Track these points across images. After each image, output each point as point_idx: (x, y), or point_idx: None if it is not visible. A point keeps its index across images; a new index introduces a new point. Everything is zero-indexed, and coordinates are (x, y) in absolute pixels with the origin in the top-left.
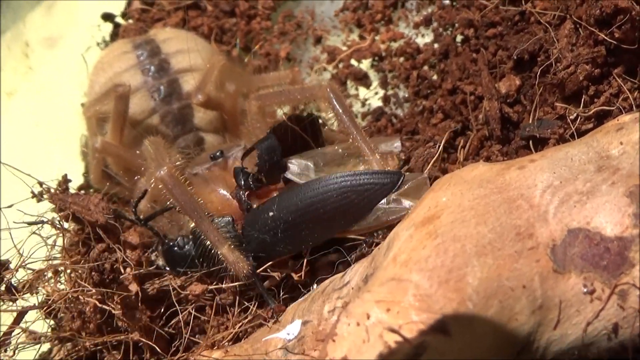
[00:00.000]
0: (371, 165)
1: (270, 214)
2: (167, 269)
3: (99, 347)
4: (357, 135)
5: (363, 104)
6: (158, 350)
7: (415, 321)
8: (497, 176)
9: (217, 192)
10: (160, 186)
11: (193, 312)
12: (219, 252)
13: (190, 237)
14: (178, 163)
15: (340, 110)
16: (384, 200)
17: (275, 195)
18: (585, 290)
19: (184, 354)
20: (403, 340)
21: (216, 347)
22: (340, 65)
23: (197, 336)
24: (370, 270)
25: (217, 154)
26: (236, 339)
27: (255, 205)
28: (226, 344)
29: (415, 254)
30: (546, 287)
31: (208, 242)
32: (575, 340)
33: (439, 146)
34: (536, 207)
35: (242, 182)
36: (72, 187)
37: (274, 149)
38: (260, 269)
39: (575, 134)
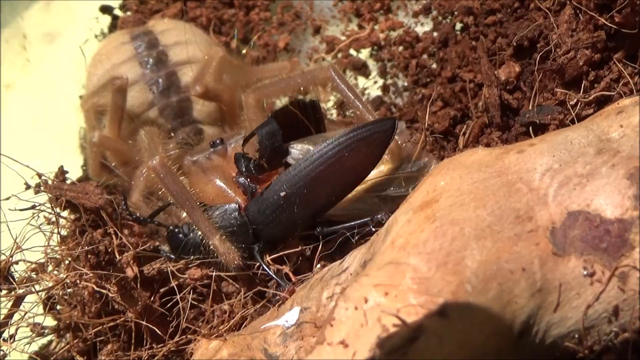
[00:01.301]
0: None
1: (282, 194)
2: (171, 255)
3: (99, 338)
4: (364, 110)
5: (362, 94)
6: (159, 332)
7: (413, 304)
8: (496, 160)
9: (214, 183)
10: (152, 176)
11: (190, 298)
12: (210, 243)
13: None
14: (172, 152)
15: (346, 89)
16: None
17: (276, 177)
18: (585, 272)
19: (182, 336)
20: (401, 324)
21: (215, 335)
22: (339, 55)
23: (196, 324)
24: (368, 256)
25: (217, 141)
26: (237, 327)
27: (257, 191)
28: (225, 332)
29: (413, 238)
30: (546, 270)
31: (199, 233)
32: (575, 324)
33: (424, 129)
34: (535, 190)
35: (243, 168)
36: (71, 180)
37: (275, 134)
38: (274, 255)
39: (575, 119)
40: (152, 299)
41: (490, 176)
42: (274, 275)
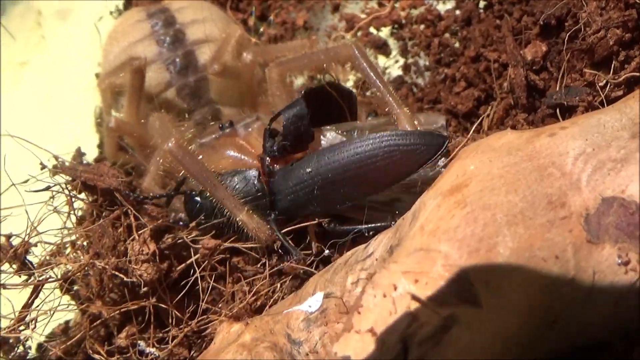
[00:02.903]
0: (399, 121)
1: (308, 170)
2: (185, 223)
3: (118, 320)
4: (385, 91)
5: (383, 73)
6: (178, 314)
7: (445, 292)
8: (527, 144)
9: (227, 156)
10: (170, 159)
11: (207, 276)
12: (237, 219)
13: None
14: (187, 134)
15: (367, 68)
16: None
17: (310, 154)
18: (619, 261)
19: (204, 316)
20: (432, 312)
21: (235, 317)
22: (359, 34)
23: (215, 304)
24: (395, 241)
25: (226, 124)
26: (260, 308)
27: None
28: (246, 314)
29: (443, 223)
30: (579, 258)
31: (226, 210)
32: (608, 312)
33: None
34: (568, 175)
35: (267, 147)
36: (87, 160)
37: (302, 117)
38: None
39: (604, 101)
40: (170, 275)
41: (521, 160)
42: (285, 243)
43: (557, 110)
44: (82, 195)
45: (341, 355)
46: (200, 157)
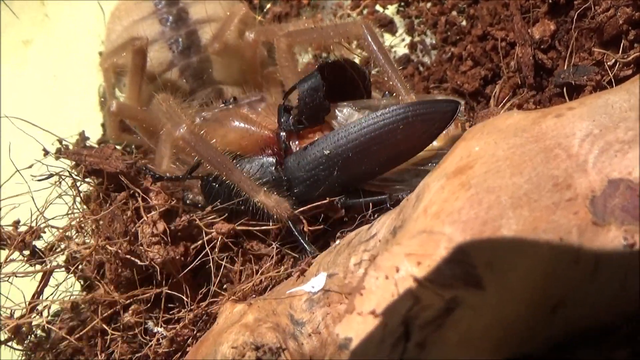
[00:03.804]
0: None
1: (326, 152)
2: (202, 206)
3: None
4: (392, 74)
5: (389, 51)
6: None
7: (447, 275)
8: (533, 125)
9: (234, 127)
10: (182, 144)
11: (217, 258)
12: (256, 201)
13: None
14: (195, 117)
15: (376, 48)
16: None
17: (323, 135)
18: (625, 243)
19: (214, 298)
20: (435, 295)
21: (240, 298)
22: (365, 12)
23: (225, 285)
24: (398, 223)
25: (230, 99)
26: (264, 289)
27: (295, 146)
28: (253, 294)
29: (447, 206)
30: (584, 240)
31: (243, 193)
32: (613, 295)
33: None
34: (574, 156)
35: (283, 122)
36: (92, 140)
37: (317, 89)
38: (305, 209)
39: (613, 81)
40: (182, 258)
41: (527, 141)
42: (301, 239)
43: (565, 90)
44: (89, 179)
45: (343, 336)
46: (207, 132)
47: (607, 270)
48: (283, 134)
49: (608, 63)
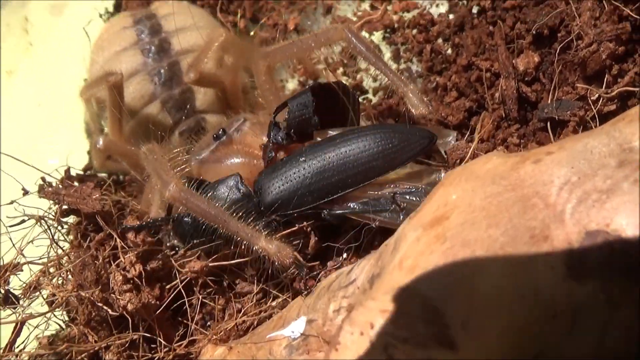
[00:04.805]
0: (407, 98)
1: (302, 158)
2: (179, 248)
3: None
4: (386, 70)
5: (375, 79)
6: (162, 340)
7: (421, 334)
8: (512, 171)
9: (233, 164)
10: (172, 202)
11: (200, 297)
12: (256, 248)
13: None
14: (178, 154)
15: (363, 48)
16: None
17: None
18: (603, 297)
19: (194, 337)
20: (408, 354)
21: (223, 338)
22: None
23: (206, 324)
24: (376, 270)
25: (220, 132)
26: (247, 329)
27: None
28: (232, 337)
29: (422, 260)
30: (561, 294)
31: (244, 243)
32: (590, 350)
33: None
34: (552, 206)
35: (272, 136)
36: (77, 167)
37: (307, 105)
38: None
39: (596, 116)
40: (158, 302)
41: (504, 190)
42: (302, 274)
43: (548, 124)
44: (67, 219)
45: None
46: (209, 174)
47: (585, 325)
48: (270, 146)
49: (592, 98)
